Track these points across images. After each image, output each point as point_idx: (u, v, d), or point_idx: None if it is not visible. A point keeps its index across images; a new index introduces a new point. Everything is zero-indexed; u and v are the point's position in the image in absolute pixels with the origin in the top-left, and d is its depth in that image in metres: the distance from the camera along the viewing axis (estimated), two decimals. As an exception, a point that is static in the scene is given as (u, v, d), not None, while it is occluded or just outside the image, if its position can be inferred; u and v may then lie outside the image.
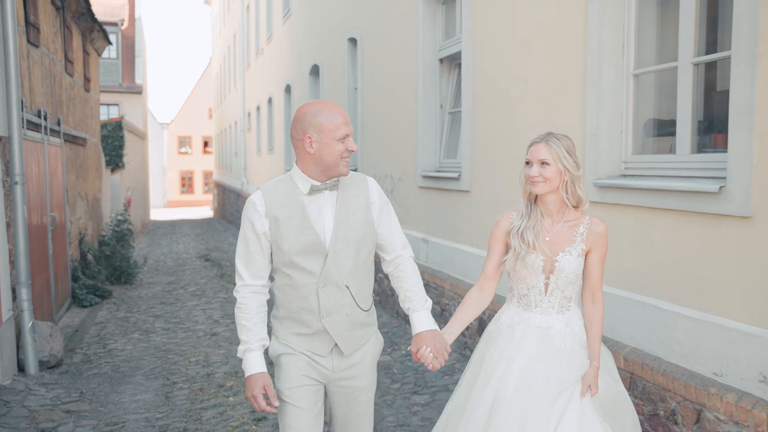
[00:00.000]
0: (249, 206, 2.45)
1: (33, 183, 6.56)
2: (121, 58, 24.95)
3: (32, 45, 7.22)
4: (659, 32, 3.91)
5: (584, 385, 2.58)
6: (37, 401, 4.87)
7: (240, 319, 2.44)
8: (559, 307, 2.65)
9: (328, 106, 2.41)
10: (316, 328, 2.46)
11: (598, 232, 2.62)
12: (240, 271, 2.46)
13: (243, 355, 2.44)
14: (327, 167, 2.40)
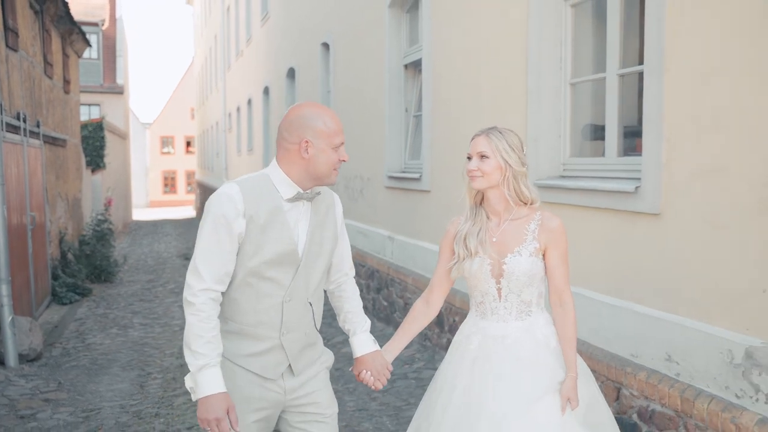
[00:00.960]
0: (223, 200, 2.16)
1: (12, 184, 6.80)
2: (102, 59, 25.04)
3: (11, 49, 7.45)
4: (594, 45, 4.25)
5: (563, 399, 2.33)
6: (17, 391, 5.14)
7: (197, 329, 2.09)
8: (518, 312, 2.44)
9: (326, 110, 2.26)
10: (272, 345, 2.24)
11: (552, 228, 2.40)
12: (201, 271, 2.13)
13: (198, 372, 2.08)
14: (318, 175, 2.23)
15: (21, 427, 4.44)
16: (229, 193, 2.16)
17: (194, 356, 2.09)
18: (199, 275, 2.13)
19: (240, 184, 2.20)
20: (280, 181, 2.23)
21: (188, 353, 2.11)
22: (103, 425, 4.46)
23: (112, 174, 20.04)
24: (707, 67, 3.03)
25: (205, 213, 2.20)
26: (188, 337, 2.11)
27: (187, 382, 2.14)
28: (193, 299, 2.11)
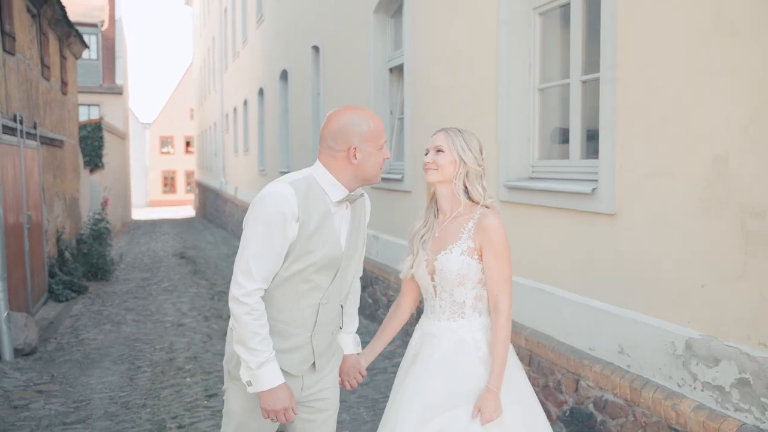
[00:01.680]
0: (279, 201, 2.16)
1: (9, 184, 7.00)
2: (101, 59, 25.25)
3: (8, 53, 7.65)
4: (561, 51, 4.44)
5: (475, 408, 2.25)
6: (11, 383, 5.34)
7: (253, 327, 2.15)
8: (450, 313, 2.39)
9: (366, 112, 2.30)
10: (302, 343, 2.30)
11: (484, 226, 2.32)
12: (253, 271, 2.16)
13: (259, 368, 2.16)
14: (367, 177, 2.29)
15: (14, 416, 4.63)
16: (285, 195, 2.16)
17: (252, 353, 2.15)
18: (251, 275, 2.16)
19: (294, 186, 2.20)
20: (329, 184, 2.26)
21: (244, 350, 2.16)
22: (93, 415, 4.66)
23: (110, 174, 20.24)
24: (653, 76, 3.22)
25: (257, 212, 2.18)
26: (244, 336, 2.16)
27: (244, 376, 2.20)
28: (246, 299, 2.16)
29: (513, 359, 2.44)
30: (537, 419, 2.40)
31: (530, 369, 4.13)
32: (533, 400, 2.44)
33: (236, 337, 2.19)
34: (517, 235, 4.43)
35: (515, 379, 2.38)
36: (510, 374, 2.35)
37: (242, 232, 2.25)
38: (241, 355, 2.19)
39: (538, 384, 4.05)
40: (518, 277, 4.38)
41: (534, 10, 4.41)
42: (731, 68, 2.79)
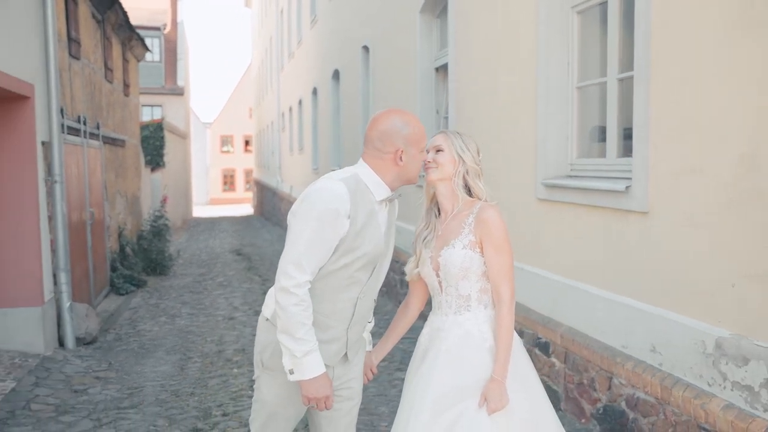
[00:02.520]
0: (333, 197, 2.25)
1: (73, 182, 7.39)
2: (164, 61, 26.09)
3: (74, 58, 8.06)
4: (600, 50, 4.43)
5: (481, 397, 2.32)
6: (73, 369, 5.66)
7: (301, 317, 2.24)
8: (456, 307, 2.44)
9: (411, 116, 2.40)
10: (338, 335, 2.40)
11: (483, 219, 2.37)
12: (304, 264, 2.24)
13: (304, 357, 2.24)
14: (408, 178, 2.40)
15: (74, 400, 4.93)
16: (339, 192, 2.25)
17: (299, 342, 2.23)
18: (302, 267, 2.23)
19: (345, 183, 2.28)
20: (374, 183, 2.35)
21: (290, 340, 2.24)
22: (145, 401, 4.91)
23: (171, 172, 20.90)
24: (685, 74, 3.20)
25: (309, 207, 2.25)
26: (291, 326, 2.23)
27: (287, 364, 2.28)
28: (296, 290, 2.23)
29: (519, 349, 2.48)
30: (543, 408, 2.44)
31: (565, 366, 4.15)
32: (539, 388, 2.48)
33: (281, 327, 2.27)
34: (553, 232, 4.46)
35: (521, 369, 2.43)
36: (515, 364, 2.40)
37: (291, 225, 2.32)
38: (287, 344, 2.26)
39: (572, 381, 4.07)
40: (554, 274, 4.40)
41: (572, 8, 4.42)
42: (760, 65, 2.76)
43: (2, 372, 5.33)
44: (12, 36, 5.55)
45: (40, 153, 6.03)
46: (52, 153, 6.21)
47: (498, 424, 2.29)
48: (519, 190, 4.88)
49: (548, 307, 4.45)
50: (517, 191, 4.91)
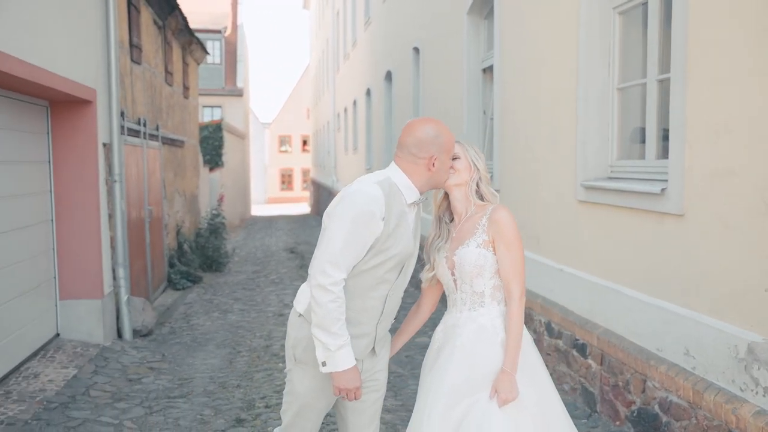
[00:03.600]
0: (369, 200, 2.39)
1: (132, 181, 7.73)
2: (224, 63, 26.79)
3: (135, 63, 8.43)
4: (641, 51, 4.40)
5: (492, 388, 2.43)
6: (129, 359, 5.95)
7: (337, 313, 2.37)
8: (471, 303, 2.56)
9: (444, 126, 2.54)
10: (367, 330, 2.52)
11: (495, 219, 2.50)
12: (341, 263, 2.37)
13: (338, 350, 2.38)
14: (437, 183, 2.55)
15: (128, 388, 5.20)
16: (375, 195, 2.38)
17: (334, 337, 2.36)
18: (338, 266, 2.36)
19: (380, 186, 2.42)
20: (405, 187, 2.49)
21: (325, 334, 2.37)
22: (193, 391, 5.13)
23: (230, 172, 21.45)
24: (720, 76, 3.17)
25: (346, 208, 2.39)
26: (326, 321, 2.36)
27: (320, 357, 2.41)
28: (333, 288, 2.36)
29: (528, 344, 2.57)
30: (551, 401, 2.52)
31: (601, 368, 4.14)
32: (548, 382, 2.56)
33: (317, 322, 2.39)
34: (592, 234, 4.45)
35: (530, 364, 2.52)
36: (525, 357, 2.49)
37: (327, 225, 2.46)
38: (321, 339, 2.39)
39: (608, 383, 4.06)
40: (592, 276, 4.39)
41: (614, 9, 4.40)
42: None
43: (65, 360, 5.65)
44: (77, 44, 5.87)
45: (101, 154, 6.36)
46: (112, 154, 6.52)
47: (508, 415, 2.38)
48: (560, 192, 4.88)
49: (586, 308, 4.45)
50: (557, 192, 4.92)
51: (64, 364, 5.53)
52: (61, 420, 4.46)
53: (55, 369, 5.39)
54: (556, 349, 4.78)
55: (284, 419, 2.71)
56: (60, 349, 5.84)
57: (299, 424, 2.67)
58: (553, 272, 4.95)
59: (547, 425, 2.45)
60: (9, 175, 5.24)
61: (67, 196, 6.08)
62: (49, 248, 6.00)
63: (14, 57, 4.53)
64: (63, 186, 6.06)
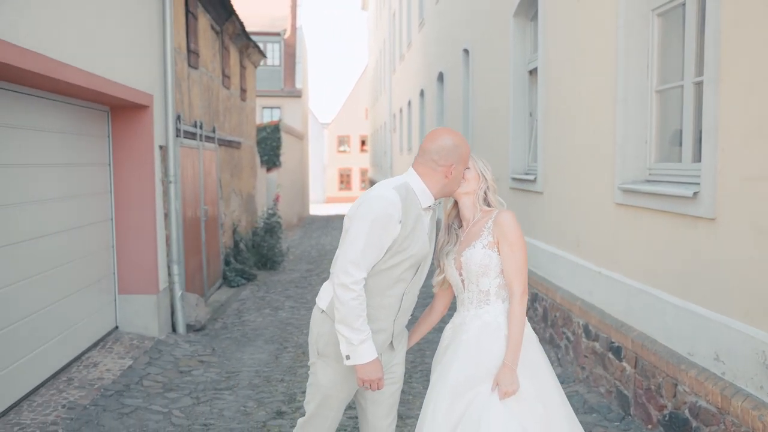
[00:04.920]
0: (387, 204, 2.54)
1: (188, 182, 8.06)
2: (283, 65, 27.31)
3: (192, 68, 8.77)
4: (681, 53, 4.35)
5: (493, 382, 2.56)
6: (181, 352, 6.23)
7: (359, 310, 2.52)
8: (477, 302, 2.69)
9: (463, 138, 2.72)
10: (384, 326, 2.68)
11: (499, 222, 2.65)
12: (361, 264, 2.52)
13: (360, 344, 2.53)
14: (450, 191, 2.72)
15: (179, 379, 5.46)
16: (393, 200, 2.55)
17: (356, 332, 2.53)
18: (359, 266, 2.53)
19: (398, 191, 2.58)
20: (421, 192, 2.65)
21: (348, 329, 2.53)
22: (239, 384, 5.35)
23: (288, 172, 21.87)
24: (754, 79, 3.14)
25: (367, 212, 2.56)
26: (349, 317, 2.52)
27: (344, 351, 2.57)
28: (354, 286, 2.52)
29: (531, 341, 2.68)
30: (552, 397, 2.62)
31: (635, 371, 4.13)
32: (550, 379, 2.66)
33: (340, 318, 2.56)
34: (629, 237, 4.44)
35: (531, 360, 2.64)
36: (527, 354, 2.61)
37: (349, 228, 2.62)
38: (344, 334, 2.55)
39: (641, 386, 4.05)
40: (628, 279, 4.38)
41: (652, 11, 4.37)
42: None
43: (123, 351, 5.97)
44: (135, 53, 6.19)
45: (158, 156, 6.67)
46: (167, 156, 6.84)
47: (509, 407, 2.50)
48: (598, 194, 4.87)
49: (622, 311, 4.43)
50: (596, 195, 4.91)
51: (121, 355, 5.84)
52: (116, 407, 4.73)
53: (113, 359, 5.71)
54: (593, 352, 4.78)
55: (308, 409, 2.86)
56: (118, 340, 6.17)
57: (322, 414, 2.82)
58: (592, 275, 4.94)
59: (548, 420, 2.54)
60: (74, 176, 5.58)
61: (126, 196, 6.42)
62: (109, 245, 6.34)
63: (77, 68, 4.83)
64: (122, 187, 6.40)
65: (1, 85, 4.45)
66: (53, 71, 4.45)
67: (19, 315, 4.64)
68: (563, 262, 5.58)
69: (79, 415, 4.49)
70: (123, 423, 4.49)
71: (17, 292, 4.62)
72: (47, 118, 5.15)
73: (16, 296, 4.60)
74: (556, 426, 2.56)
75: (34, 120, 4.93)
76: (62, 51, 4.61)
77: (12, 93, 4.61)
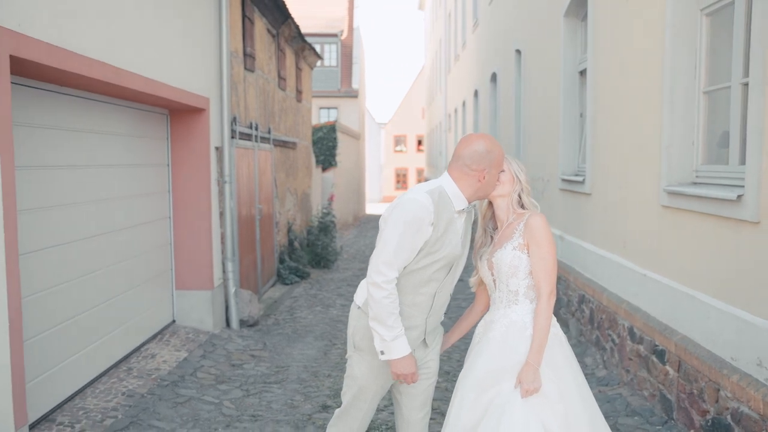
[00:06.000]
0: (420, 207, 2.64)
1: (243, 181, 8.32)
2: (340, 66, 27.64)
3: (248, 71, 9.04)
4: (729, 53, 4.28)
5: (516, 379, 2.64)
6: (234, 346, 6.47)
7: (391, 307, 2.63)
8: (507, 301, 2.79)
9: (496, 142, 2.80)
10: (417, 323, 2.79)
11: (530, 225, 2.74)
12: (394, 263, 2.64)
13: (393, 340, 2.64)
14: (484, 195, 2.82)
15: (231, 372, 5.68)
16: (425, 203, 2.65)
17: (389, 329, 2.65)
18: (391, 266, 2.65)
19: (430, 195, 2.68)
20: (455, 195, 2.75)
21: (381, 326, 2.66)
22: (288, 378, 5.53)
23: (344, 171, 22.13)
24: (796, 81, 3.09)
25: (400, 215, 2.67)
26: (382, 314, 2.64)
27: (378, 346, 2.69)
28: (387, 285, 2.64)
29: (558, 344, 2.73)
30: (573, 399, 2.65)
31: (678, 375, 4.09)
32: (572, 381, 2.69)
33: (373, 315, 2.69)
34: (674, 239, 4.39)
35: (555, 361, 2.70)
36: (551, 354, 2.67)
37: (383, 229, 2.75)
38: (378, 330, 2.68)
39: (684, 390, 4.01)
40: (672, 281, 4.34)
41: (701, 11, 4.31)
42: None
43: (179, 344, 6.24)
44: (193, 58, 6.46)
45: (214, 157, 6.93)
46: (223, 157, 7.09)
47: (530, 405, 2.57)
48: (645, 196, 4.83)
49: (666, 314, 4.39)
50: (643, 197, 4.87)
51: (177, 348, 6.11)
52: (171, 396, 4.97)
53: (170, 351, 5.98)
54: (638, 355, 4.74)
55: (344, 400, 2.99)
56: (175, 334, 6.45)
57: (357, 405, 2.95)
58: (638, 277, 4.90)
59: (568, 423, 2.58)
60: (135, 176, 5.88)
61: (183, 195, 6.70)
62: (167, 242, 6.63)
63: (138, 74, 5.10)
64: (179, 186, 6.68)
65: (71, 92, 4.75)
66: (116, 78, 4.72)
67: (84, 307, 4.93)
68: (610, 264, 5.54)
69: (137, 403, 4.74)
70: (177, 411, 4.72)
71: (83, 286, 4.91)
72: (112, 122, 5.44)
73: (82, 289, 4.89)
74: (575, 427, 2.60)
75: (100, 124, 5.22)
76: (124, 59, 4.87)
77: (81, 99, 4.91)
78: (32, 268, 4.20)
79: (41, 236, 4.36)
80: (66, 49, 4.03)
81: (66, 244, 4.68)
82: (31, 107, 4.29)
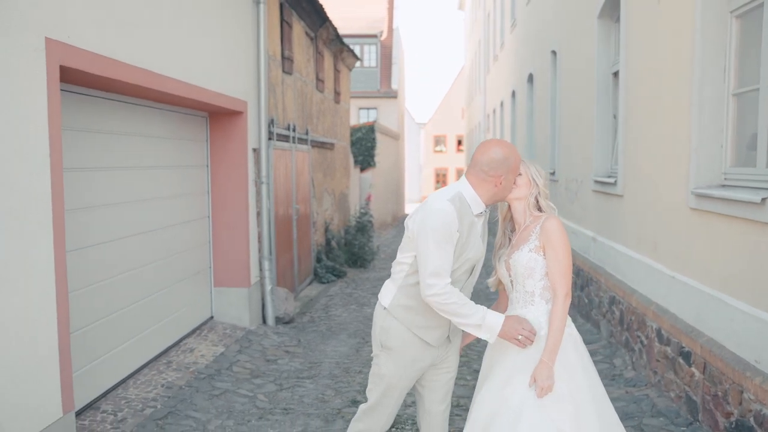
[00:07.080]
0: (448, 219, 2.76)
1: (280, 182, 8.53)
2: (379, 66, 27.82)
3: (286, 73, 9.25)
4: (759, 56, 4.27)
5: (531, 378, 2.72)
6: (270, 343, 6.66)
7: (458, 304, 2.75)
8: (523, 302, 2.88)
9: (514, 148, 2.90)
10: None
11: (546, 228, 2.82)
12: (441, 273, 2.74)
13: (483, 320, 2.75)
14: (500, 198, 2.93)
15: (265, 367, 5.87)
16: (449, 211, 2.76)
17: (470, 317, 2.76)
18: (440, 275, 2.75)
19: (453, 203, 2.79)
20: (473, 200, 2.87)
21: (464, 318, 2.77)
22: (320, 374, 5.69)
23: (382, 171, 22.28)
24: (818, 85, 3.10)
25: (432, 226, 2.76)
26: (456, 312, 2.76)
27: (483, 335, 2.78)
28: (441, 292, 2.75)
29: (572, 345, 2.80)
30: (584, 400, 2.71)
31: (704, 377, 4.11)
32: (584, 382, 2.75)
33: (449, 316, 2.80)
34: (701, 242, 4.40)
35: (567, 362, 2.76)
36: (564, 355, 2.75)
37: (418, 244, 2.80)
38: (465, 323, 2.78)
39: (709, 392, 4.03)
40: (699, 284, 4.35)
41: (731, 13, 4.31)
42: None
43: (216, 339, 6.46)
44: (231, 62, 6.68)
45: (251, 158, 7.14)
46: (260, 158, 7.30)
47: (543, 404, 2.67)
48: (674, 198, 4.84)
49: (693, 316, 4.41)
50: (672, 199, 4.88)
51: (214, 343, 6.33)
52: (207, 389, 5.18)
53: (207, 346, 6.21)
54: (665, 356, 4.75)
55: (370, 398, 3.11)
56: (212, 329, 6.68)
57: (384, 402, 3.07)
58: (667, 279, 4.91)
59: (578, 424, 2.66)
60: (176, 177, 6.12)
61: (222, 195, 6.92)
62: (206, 241, 6.87)
63: (178, 80, 5.32)
64: (218, 187, 6.91)
65: (116, 97, 4.99)
66: (157, 84, 4.94)
67: (127, 301, 5.17)
68: (640, 266, 5.55)
69: (176, 394, 4.95)
70: (213, 404, 4.91)
71: (127, 281, 5.15)
72: (153, 125, 5.68)
73: (126, 284, 5.13)
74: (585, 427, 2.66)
75: (142, 127, 5.47)
76: (165, 65, 5.09)
77: (124, 104, 5.15)
78: (78, 264, 4.45)
79: (87, 235, 4.60)
80: (110, 58, 4.26)
81: (110, 242, 4.92)
82: (80, 112, 4.54)
